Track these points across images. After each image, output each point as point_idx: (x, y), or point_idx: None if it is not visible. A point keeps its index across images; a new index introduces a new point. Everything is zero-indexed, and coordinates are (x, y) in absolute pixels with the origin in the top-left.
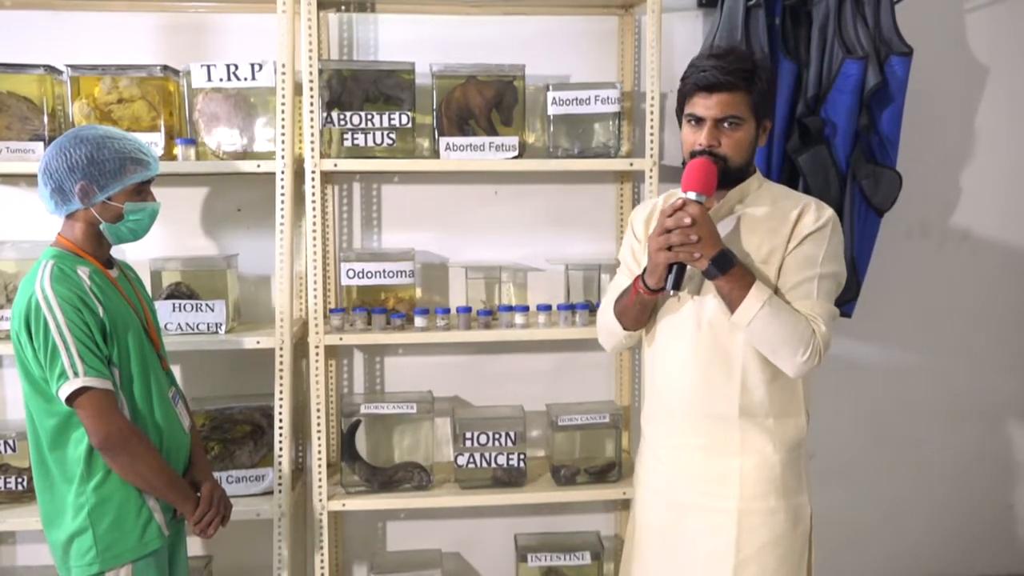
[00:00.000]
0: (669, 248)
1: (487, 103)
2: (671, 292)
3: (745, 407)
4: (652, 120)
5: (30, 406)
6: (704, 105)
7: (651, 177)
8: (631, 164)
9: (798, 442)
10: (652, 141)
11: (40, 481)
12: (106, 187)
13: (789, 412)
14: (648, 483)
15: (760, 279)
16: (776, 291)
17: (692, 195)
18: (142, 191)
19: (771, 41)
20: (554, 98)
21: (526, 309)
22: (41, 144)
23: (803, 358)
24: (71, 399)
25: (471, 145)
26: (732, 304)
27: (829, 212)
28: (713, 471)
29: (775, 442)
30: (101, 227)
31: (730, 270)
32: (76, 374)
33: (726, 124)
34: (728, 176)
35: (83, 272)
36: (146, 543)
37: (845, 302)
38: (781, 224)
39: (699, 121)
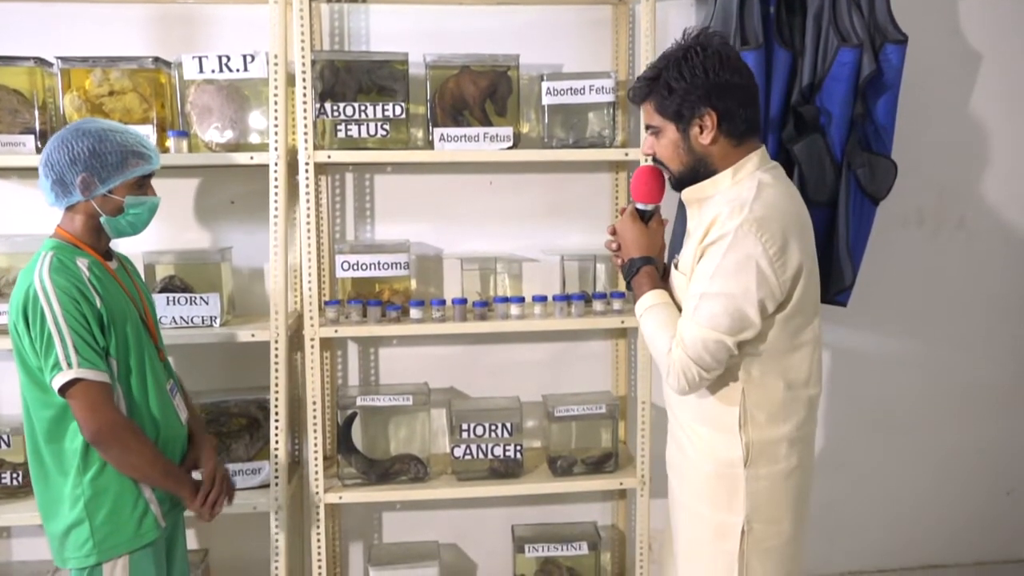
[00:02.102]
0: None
1: (481, 93)
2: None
3: (685, 408)
4: None
5: (27, 397)
6: None
7: None
8: (626, 154)
9: (731, 461)
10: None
11: (36, 473)
12: (107, 180)
13: (722, 428)
14: None
15: (679, 288)
16: None
17: (639, 205)
18: (143, 185)
19: (766, 29)
20: (548, 88)
21: (522, 300)
22: (32, 137)
23: (664, 376)
24: (64, 390)
25: (465, 136)
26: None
27: (734, 223)
28: (672, 460)
29: (705, 452)
30: (101, 220)
31: (634, 277)
32: (70, 365)
33: (651, 133)
34: (682, 180)
35: (82, 263)
36: (142, 534)
37: (840, 291)
38: (699, 231)
39: None
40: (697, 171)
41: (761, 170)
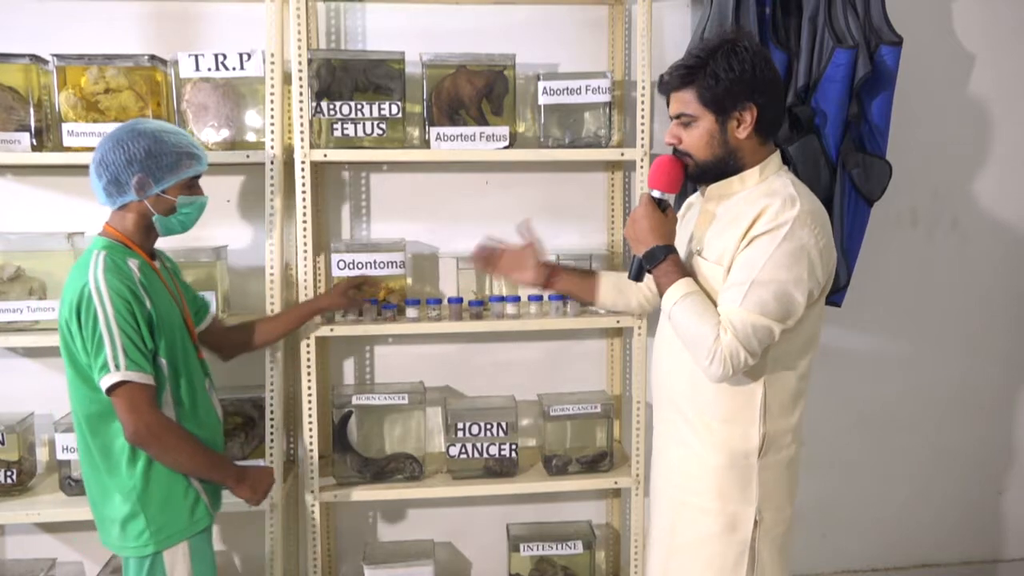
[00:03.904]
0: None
1: (477, 93)
2: (632, 280)
3: (694, 403)
4: (643, 110)
5: (74, 394)
6: (670, 104)
7: (642, 167)
8: (622, 154)
9: (746, 452)
10: (643, 131)
11: (86, 465)
12: (162, 180)
13: (739, 420)
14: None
15: (711, 278)
16: None
17: (656, 193)
18: (192, 185)
19: (762, 31)
20: (545, 88)
21: (517, 299)
22: (27, 134)
23: (706, 363)
24: (110, 391)
25: (461, 135)
26: (662, 297)
27: (791, 214)
28: (666, 457)
29: (717, 446)
30: (153, 219)
31: (659, 265)
32: (118, 367)
33: (681, 122)
34: (707, 171)
35: (133, 264)
36: (196, 521)
37: (835, 292)
38: (741, 223)
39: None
40: (726, 164)
41: (783, 170)
